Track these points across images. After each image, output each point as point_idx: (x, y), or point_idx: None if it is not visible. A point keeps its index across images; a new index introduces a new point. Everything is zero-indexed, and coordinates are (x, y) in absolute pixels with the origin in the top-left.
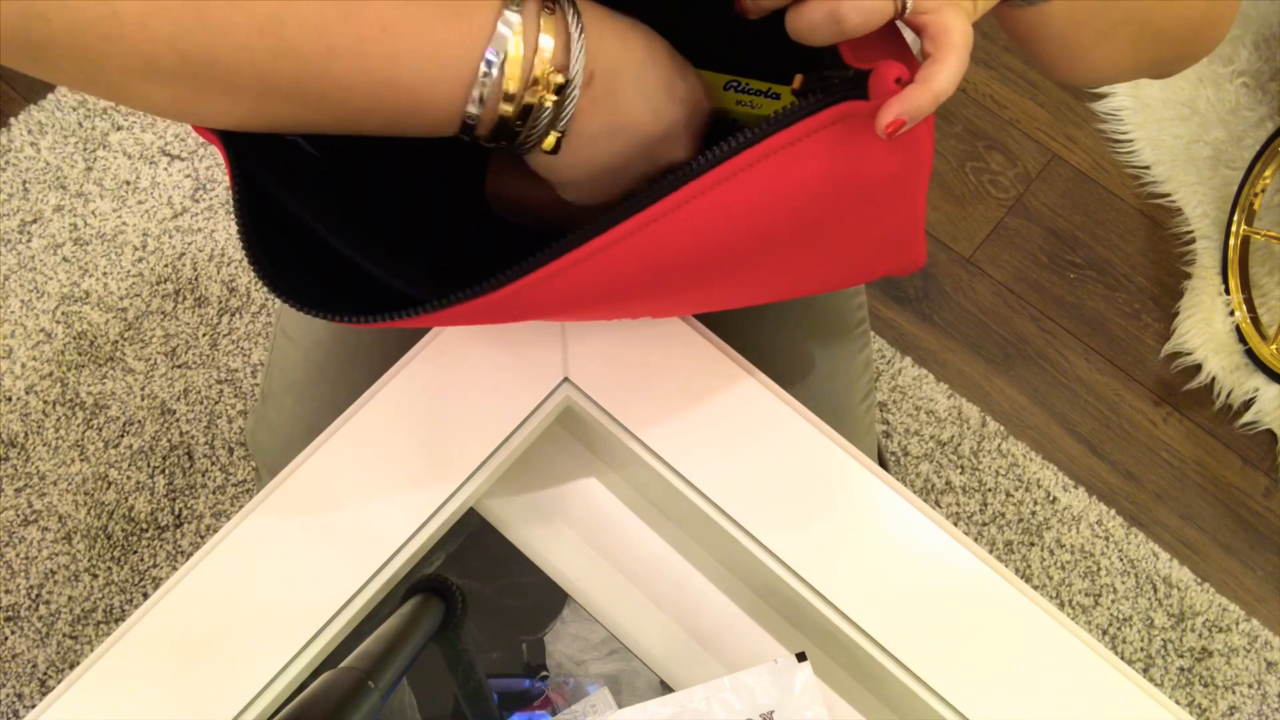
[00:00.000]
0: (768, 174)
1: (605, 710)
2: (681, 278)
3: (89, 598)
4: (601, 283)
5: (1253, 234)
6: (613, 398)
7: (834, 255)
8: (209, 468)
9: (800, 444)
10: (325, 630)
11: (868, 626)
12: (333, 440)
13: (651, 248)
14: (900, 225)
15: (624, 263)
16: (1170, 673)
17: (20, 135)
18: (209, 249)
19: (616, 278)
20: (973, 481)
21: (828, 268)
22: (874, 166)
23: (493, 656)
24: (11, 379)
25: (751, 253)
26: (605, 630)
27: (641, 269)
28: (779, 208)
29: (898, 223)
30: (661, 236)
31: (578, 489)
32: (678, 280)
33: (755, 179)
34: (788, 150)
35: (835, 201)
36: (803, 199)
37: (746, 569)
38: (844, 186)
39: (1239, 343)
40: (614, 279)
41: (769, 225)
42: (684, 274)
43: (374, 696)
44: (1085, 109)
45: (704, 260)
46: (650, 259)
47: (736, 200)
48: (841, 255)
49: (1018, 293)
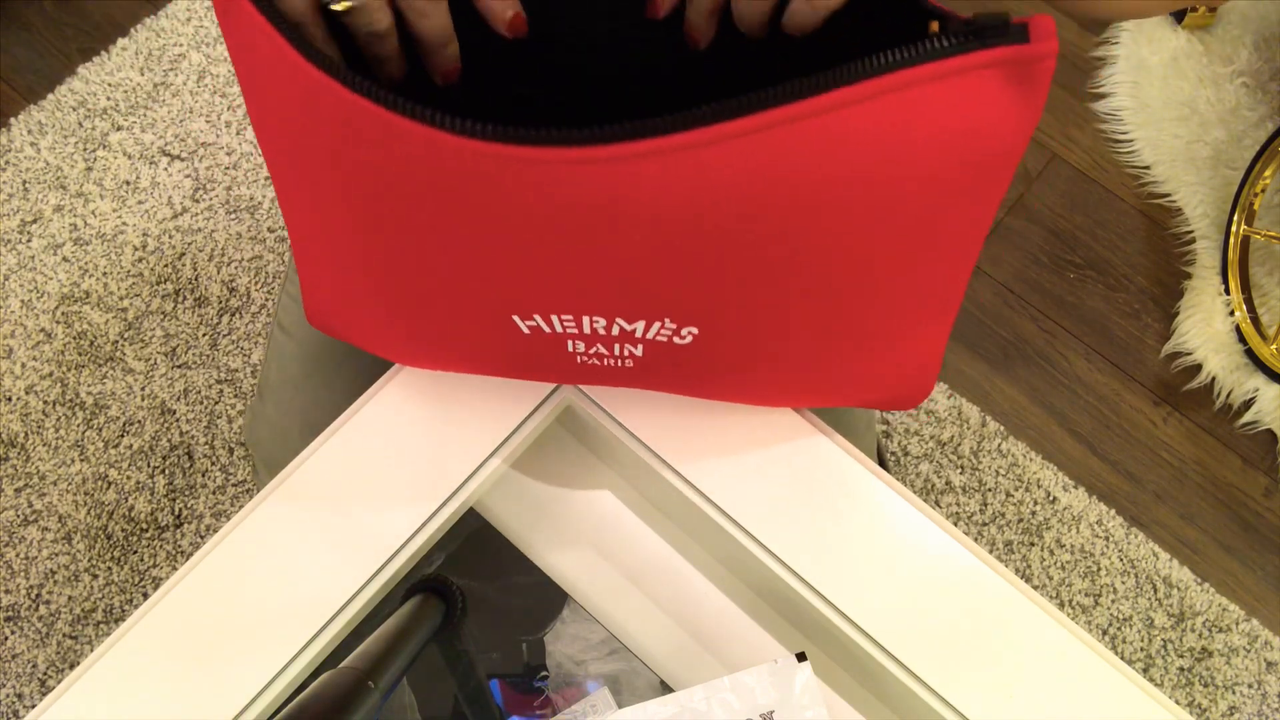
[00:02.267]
0: (916, 102)
1: (605, 710)
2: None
3: (89, 598)
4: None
5: (1253, 234)
6: (613, 398)
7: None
8: (209, 468)
9: (800, 444)
10: (325, 630)
11: (868, 626)
12: (333, 440)
13: (790, 151)
14: (952, 270)
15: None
16: (1170, 673)
17: (20, 135)
18: (209, 249)
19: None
20: (973, 481)
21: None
22: (1000, 126)
23: (493, 656)
24: (11, 379)
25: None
26: (605, 630)
27: (766, 184)
28: (909, 146)
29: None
30: (805, 142)
31: (577, 489)
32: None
33: (905, 103)
34: (942, 82)
35: (952, 160)
36: (930, 144)
37: (746, 569)
38: (967, 142)
39: (1239, 343)
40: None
41: (892, 169)
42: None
43: (374, 696)
44: (1085, 109)
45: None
46: (786, 171)
47: (879, 123)
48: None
49: (1018, 293)
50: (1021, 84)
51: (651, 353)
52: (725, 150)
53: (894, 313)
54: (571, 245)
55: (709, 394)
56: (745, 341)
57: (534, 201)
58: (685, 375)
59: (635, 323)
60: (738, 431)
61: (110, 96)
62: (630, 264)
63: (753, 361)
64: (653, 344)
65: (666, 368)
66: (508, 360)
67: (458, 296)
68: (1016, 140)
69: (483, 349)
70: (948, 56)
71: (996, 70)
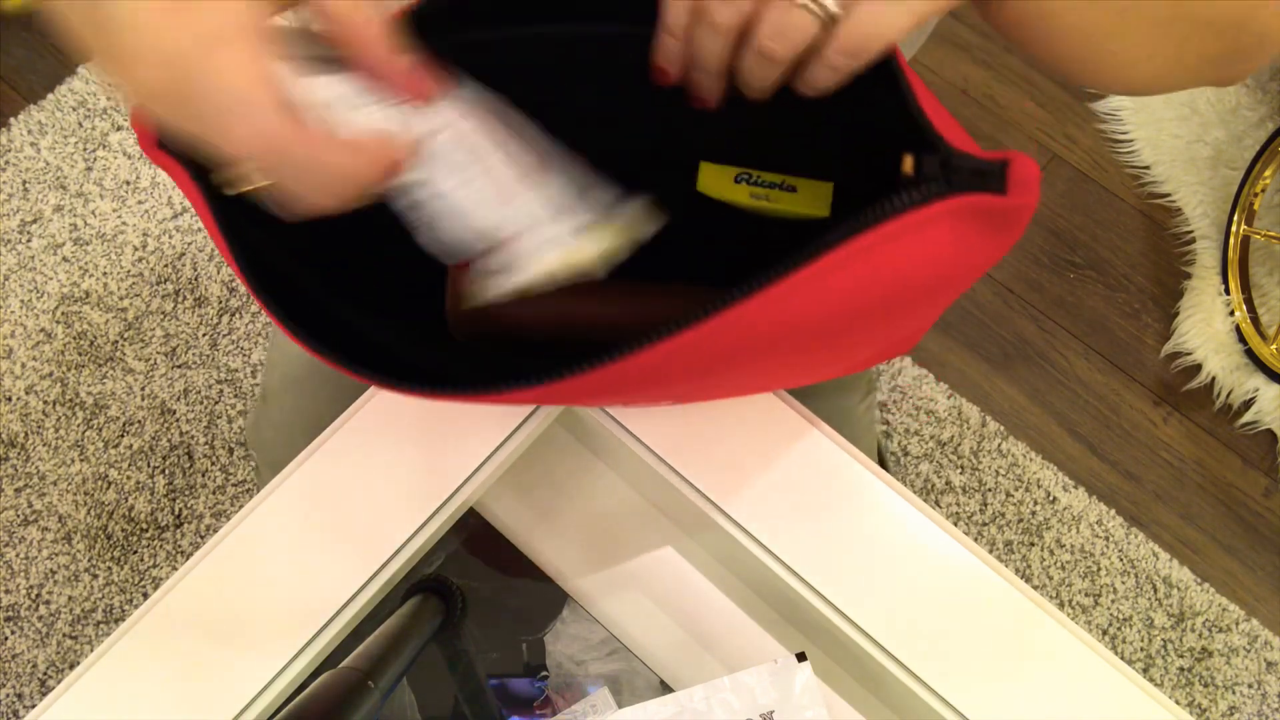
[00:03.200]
0: (891, 255)
1: (605, 710)
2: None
3: (89, 598)
4: (698, 359)
5: (1253, 234)
6: None
7: (880, 340)
8: (209, 468)
9: (800, 444)
10: (325, 630)
11: (868, 626)
12: (333, 440)
13: (773, 314)
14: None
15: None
16: (1170, 673)
17: (20, 135)
18: (209, 249)
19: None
20: (973, 481)
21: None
22: (976, 257)
23: (493, 656)
24: (11, 379)
25: (838, 331)
26: (605, 630)
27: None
28: (884, 287)
29: (941, 308)
30: (791, 301)
31: (577, 489)
32: (775, 351)
33: (882, 256)
34: (917, 232)
35: (926, 289)
36: (904, 283)
37: (746, 569)
38: (942, 275)
39: (1239, 343)
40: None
41: (865, 305)
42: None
43: (374, 696)
44: (1085, 109)
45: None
46: (775, 325)
47: (859, 274)
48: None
49: (1018, 293)
50: (997, 226)
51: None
52: (708, 331)
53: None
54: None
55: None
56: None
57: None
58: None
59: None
60: (738, 432)
61: (110, 96)
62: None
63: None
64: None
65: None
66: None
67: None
68: (989, 264)
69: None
70: (922, 205)
71: (969, 218)
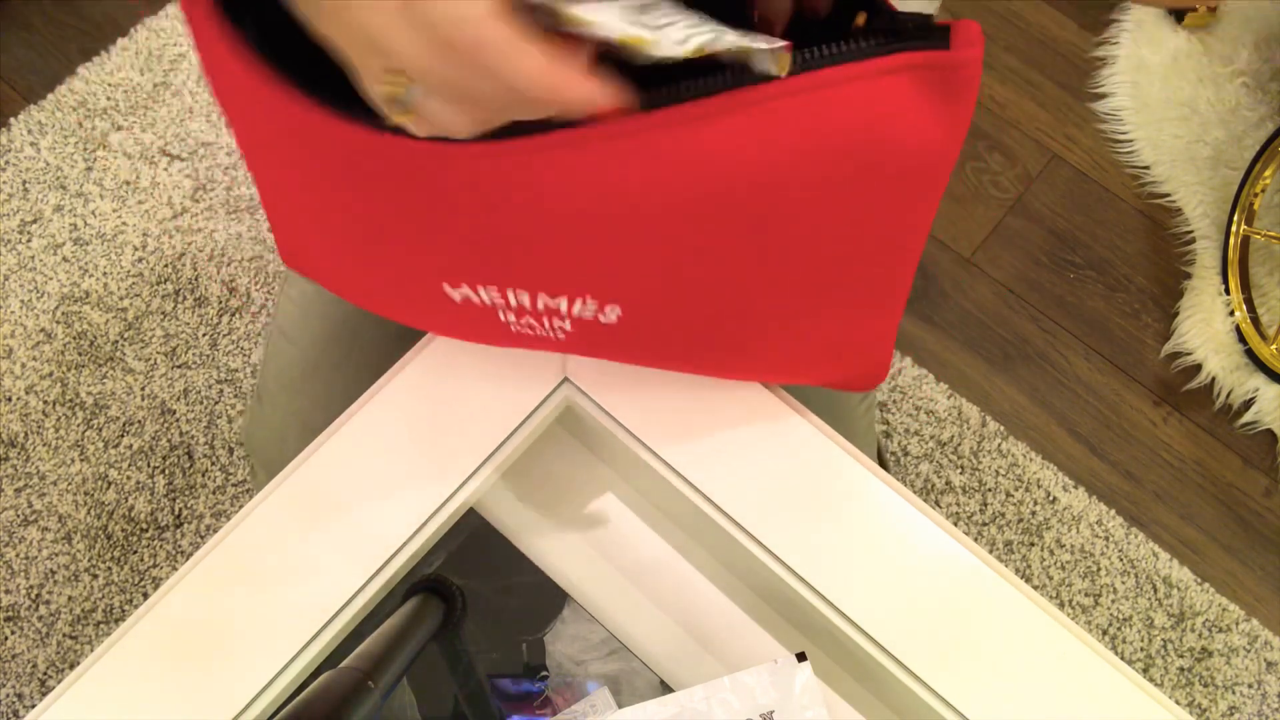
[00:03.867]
0: (825, 104)
1: (605, 710)
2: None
3: (89, 598)
4: (611, 191)
5: (1253, 234)
6: (612, 398)
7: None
8: (209, 468)
9: (800, 444)
10: (325, 630)
11: (868, 626)
12: (333, 440)
13: (693, 148)
14: (885, 254)
15: (651, 164)
16: (1170, 673)
17: (20, 135)
18: (209, 249)
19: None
20: (973, 481)
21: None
22: (928, 133)
23: (493, 656)
24: (11, 379)
25: (765, 208)
26: (605, 630)
27: (669, 181)
28: (817, 150)
29: (884, 246)
30: (711, 138)
31: (578, 489)
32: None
33: (812, 105)
34: (850, 85)
35: (864, 165)
36: (838, 149)
37: (746, 569)
38: (878, 148)
39: (1239, 343)
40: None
41: (798, 171)
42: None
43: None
44: (1085, 109)
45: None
46: (690, 166)
47: (784, 123)
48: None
49: (1018, 293)
50: (941, 91)
51: (579, 329)
52: (638, 142)
53: (824, 298)
54: (488, 224)
55: (647, 363)
56: (670, 324)
57: (450, 187)
58: (619, 350)
59: (558, 298)
60: (738, 432)
61: (110, 96)
62: (545, 244)
63: (682, 344)
64: (579, 321)
65: (600, 344)
66: (447, 321)
67: (394, 261)
68: (942, 147)
69: (423, 308)
70: (861, 59)
71: (913, 75)
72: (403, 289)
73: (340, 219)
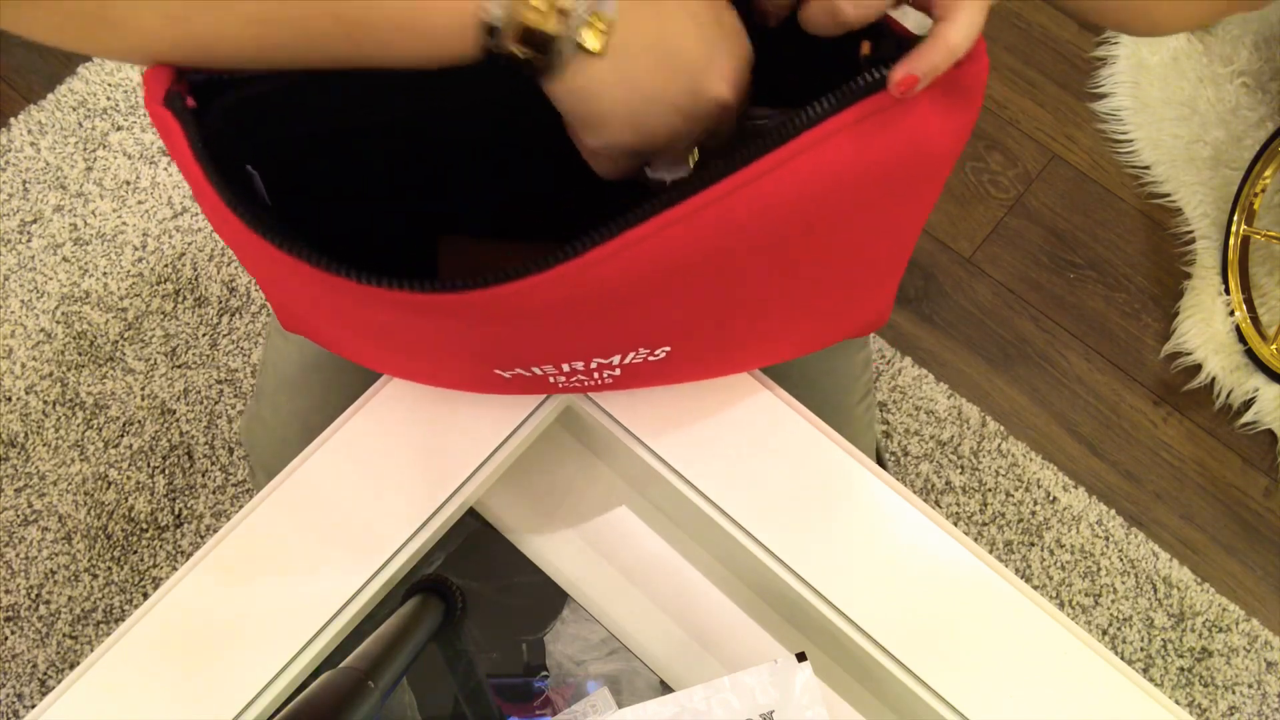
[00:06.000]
0: (867, 134)
1: (605, 710)
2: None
3: (89, 598)
4: (657, 268)
5: (1253, 234)
6: (612, 398)
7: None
8: (209, 468)
9: (800, 444)
10: (325, 630)
11: (868, 626)
12: (332, 440)
13: (755, 201)
14: (895, 242)
15: (698, 240)
16: (1170, 673)
17: (20, 135)
18: (209, 249)
19: (674, 264)
20: (973, 481)
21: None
22: (938, 140)
23: (493, 656)
24: (11, 379)
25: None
26: (605, 630)
27: (720, 245)
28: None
29: (895, 239)
30: (761, 195)
31: (577, 489)
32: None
33: (856, 138)
34: (883, 115)
35: (893, 177)
36: (878, 171)
37: (746, 569)
38: (905, 160)
39: (1239, 343)
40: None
41: (827, 205)
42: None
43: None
44: (1085, 109)
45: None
46: (753, 218)
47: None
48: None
49: (1018, 293)
50: (952, 95)
51: (629, 371)
52: (666, 236)
53: (845, 292)
54: (533, 333)
55: (684, 380)
56: (714, 346)
57: (482, 322)
58: (662, 376)
59: (611, 357)
60: (738, 433)
61: (110, 96)
62: (595, 329)
63: (722, 354)
64: (629, 366)
65: (644, 376)
66: (487, 389)
67: (438, 363)
68: (951, 152)
69: (466, 383)
70: (874, 93)
71: (927, 90)
72: (444, 374)
73: (371, 353)
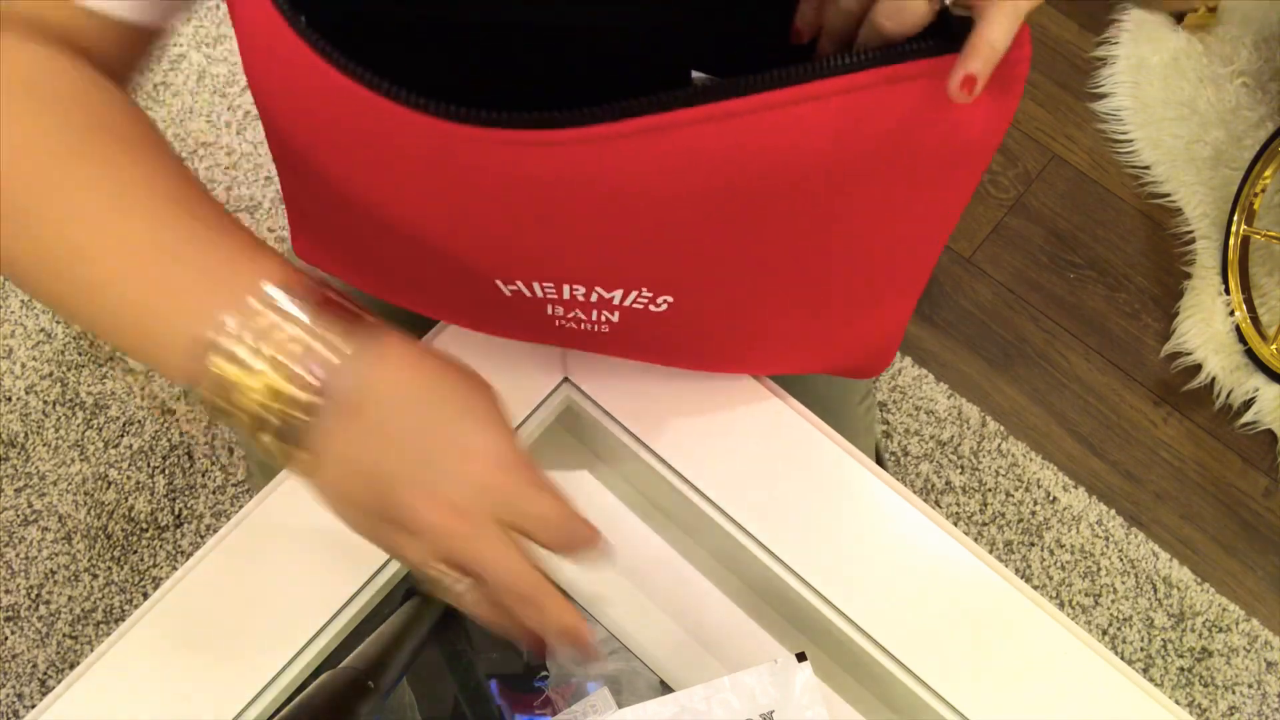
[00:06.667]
0: (896, 97)
1: (605, 710)
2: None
3: (89, 598)
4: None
5: (1253, 234)
6: (612, 398)
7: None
8: (209, 468)
9: (800, 444)
10: (325, 630)
11: (868, 626)
12: None
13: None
14: (918, 237)
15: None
16: (1170, 673)
17: None
18: None
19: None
20: (973, 481)
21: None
22: (965, 127)
23: (493, 656)
24: (11, 379)
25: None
26: (605, 630)
27: (728, 168)
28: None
29: (918, 231)
30: (792, 122)
31: (578, 489)
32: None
33: (885, 98)
34: (918, 82)
35: (923, 154)
36: (905, 139)
37: (746, 569)
38: (937, 138)
39: (1239, 343)
40: (682, 173)
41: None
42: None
43: (374, 696)
44: (1085, 109)
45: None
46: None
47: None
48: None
49: (1018, 293)
50: (992, 85)
51: (627, 319)
52: (698, 132)
53: (860, 286)
54: (554, 219)
55: (681, 362)
56: (719, 311)
57: (516, 179)
58: (659, 342)
59: (614, 291)
60: (739, 433)
61: None
62: (610, 238)
63: (726, 330)
64: (629, 310)
65: (642, 334)
66: (486, 315)
67: (444, 257)
68: (986, 139)
69: (463, 301)
70: (915, 59)
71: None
72: (445, 282)
73: (398, 210)
